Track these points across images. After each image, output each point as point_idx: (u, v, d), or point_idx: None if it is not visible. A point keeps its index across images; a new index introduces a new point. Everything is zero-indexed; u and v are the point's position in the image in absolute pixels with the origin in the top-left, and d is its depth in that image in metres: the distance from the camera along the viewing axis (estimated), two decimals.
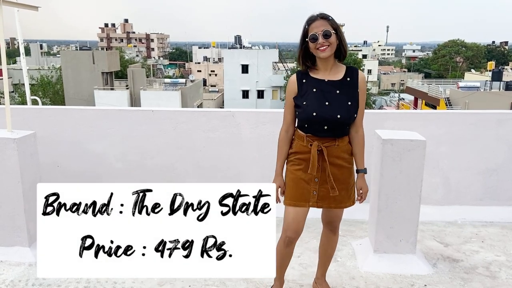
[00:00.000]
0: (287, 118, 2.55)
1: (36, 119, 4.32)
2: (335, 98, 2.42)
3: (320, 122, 2.41)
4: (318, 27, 2.36)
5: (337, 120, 2.40)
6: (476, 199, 4.39)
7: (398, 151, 3.16)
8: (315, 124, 2.42)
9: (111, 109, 4.50)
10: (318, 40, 2.35)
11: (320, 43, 2.36)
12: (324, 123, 2.40)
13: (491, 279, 3.15)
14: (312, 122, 2.42)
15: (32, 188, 3.44)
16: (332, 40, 2.36)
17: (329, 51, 2.38)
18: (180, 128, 4.34)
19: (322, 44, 2.36)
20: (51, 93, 35.81)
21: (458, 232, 3.95)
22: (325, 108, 2.39)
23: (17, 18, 5.63)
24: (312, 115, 2.39)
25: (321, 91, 2.43)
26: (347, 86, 2.45)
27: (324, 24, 2.37)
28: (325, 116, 2.39)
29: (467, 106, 29.23)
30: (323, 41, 2.35)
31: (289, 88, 2.53)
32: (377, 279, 3.12)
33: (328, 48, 2.37)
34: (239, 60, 41.70)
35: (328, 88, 2.43)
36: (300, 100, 2.46)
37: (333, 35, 2.36)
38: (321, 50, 2.37)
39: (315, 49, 2.39)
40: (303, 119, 2.45)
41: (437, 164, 4.32)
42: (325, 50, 2.37)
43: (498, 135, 4.31)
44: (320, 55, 2.39)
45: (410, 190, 3.20)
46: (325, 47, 2.36)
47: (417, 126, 4.02)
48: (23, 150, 3.31)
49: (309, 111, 2.40)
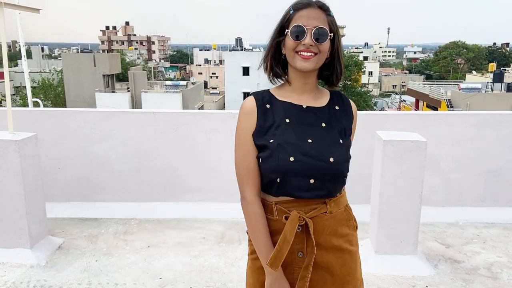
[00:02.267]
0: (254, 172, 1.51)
1: (37, 121, 4.33)
2: (322, 134, 1.51)
3: (303, 173, 1.45)
4: (310, 18, 1.45)
5: (331, 167, 1.46)
6: (477, 200, 4.39)
7: (399, 152, 3.16)
8: (295, 177, 1.45)
9: (112, 111, 4.50)
10: (304, 38, 1.45)
11: (305, 45, 1.45)
12: (309, 174, 1.46)
13: (493, 280, 3.15)
14: (289, 173, 1.45)
15: (33, 190, 3.45)
16: (325, 47, 1.48)
17: (313, 62, 1.47)
18: (181, 130, 4.35)
19: (308, 47, 1.45)
20: (53, 95, 35.88)
21: (459, 233, 3.94)
22: (308, 149, 1.46)
23: (18, 21, 5.65)
24: (289, 161, 1.44)
25: (300, 122, 1.51)
26: (336, 117, 1.56)
27: (319, 17, 1.47)
28: (311, 162, 1.45)
29: (468, 107, 29.21)
30: (311, 43, 1.45)
31: (244, 119, 1.53)
32: (378, 280, 3.12)
33: (314, 57, 1.47)
34: (240, 62, 41.72)
35: (310, 119, 1.52)
36: (263, 138, 1.49)
37: (328, 41, 1.47)
38: (302, 56, 1.46)
39: (292, 51, 1.48)
40: (272, 170, 1.46)
41: (438, 165, 4.32)
42: (309, 59, 1.46)
43: (499, 136, 4.30)
44: (297, 65, 1.47)
45: (411, 191, 3.20)
46: (311, 55, 1.46)
47: (418, 127, 4.02)
48: (25, 152, 3.32)
49: (282, 155, 1.45)
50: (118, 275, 3.19)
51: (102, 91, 34.43)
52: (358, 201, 4.28)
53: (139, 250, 3.59)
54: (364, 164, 4.21)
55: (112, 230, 3.97)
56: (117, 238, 3.80)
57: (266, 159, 1.47)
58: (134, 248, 3.62)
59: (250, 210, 1.51)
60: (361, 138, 4.21)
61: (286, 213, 1.48)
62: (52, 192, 4.35)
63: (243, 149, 1.53)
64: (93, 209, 4.32)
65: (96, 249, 3.59)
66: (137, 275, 3.19)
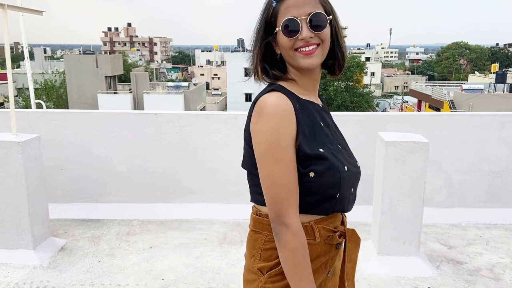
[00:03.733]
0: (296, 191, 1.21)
1: (40, 123, 4.34)
2: (339, 137, 1.38)
3: (350, 183, 1.30)
4: (299, 6, 1.21)
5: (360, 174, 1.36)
6: (480, 201, 4.38)
7: (401, 153, 3.16)
8: (346, 187, 1.28)
9: (114, 113, 4.52)
10: (301, 32, 1.21)
11: (303, 39, 1.21)
12: (354, 183, 1.32)
13: (495, 281, 3.14)
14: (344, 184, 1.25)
15: (36, 191, 3.46)
16: (327, 34, 1.24)
17: (319, 56, 1.25)
18: (183, 131, 4.36)
19: (308, 41, 1.22)
20: (55, 97, 35.98)
21: (461, 234, 3.94)
22: (345, 156, 1.31)
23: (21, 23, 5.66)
24: (345, 171, 1.25)
25: (326, 125, 1.32)
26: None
27: (309, 1, 1.22)
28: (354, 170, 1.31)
29: (471, 108, 29.15)
30: (310, 35, 1.21)
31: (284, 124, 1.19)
32: (381, 282, 3.11)
33: (318, 49, 1.23)
34: (242, 63, 41.69)
35: (329, 120, 1.36)
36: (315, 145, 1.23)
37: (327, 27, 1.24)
38: (304, 53, 1.23)
39: (291, 50, 1.24)
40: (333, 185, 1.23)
41: (440, 166, 4.32)
42: (312, 53, 1.23)
43: (502, 137, 4.30)
44: (301, 64, 1.24)
45: (413, 192, 3.20)
46: (313, 48, 1.23)
47: (420, 128, 4.02)
48: (28, 153, 3.33)
49: (341, 165, 1.25)
50: (120, 276, 3.20)
51: (104, 92, 34.48)
52: (360, 202, 4.28)
53: (142, 251, 3.59)
54: (366, 165, 4.21)
55: (114, 231, 3.98)
56: (119, 239, 3.81)
57: (325, 172, 1.20)
58: (137, 249, 3.63)
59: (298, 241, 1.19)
60: (363, 139, 4.23)
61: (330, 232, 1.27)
62: (55, 193, 4.36)
63: (284, 162, 1.18)
64: (95, 210, 4.33)
65: (98, 250, 3.60)
66: (140, 276, 3.20)
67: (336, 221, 1.30)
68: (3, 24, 3.27)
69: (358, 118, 4.41)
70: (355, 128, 4.30)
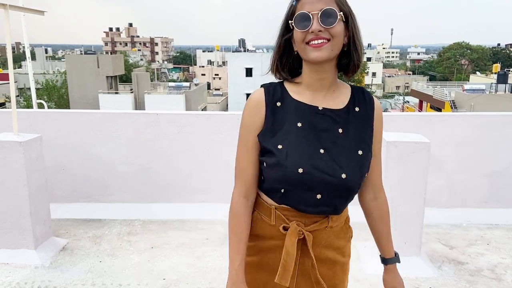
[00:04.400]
0: (247, 172, 1.41)
1: (42, 123, 4.35)
2: (337, 142, 1.33)
3: (310, 187, 1.31)
4: (314, 2, 1.26)
5: (342, 184, 1.31)
6: (481, 202, 4.38)
7: (402, 153, 3.16)
8: (301, 190, 1.31)
9: (116, 113, 4.52)
10: (311, 25, 1.25)
11: (313, 32, 1.26)
12: (317, 189, 1.31)
13: (497, 282, 3.14)
14: (295, 185, 1.31)
15: (38, 191, 3.47)
16: (337, 30, 1.26)
17: (327, 50, 1.27)
18: (185, 131, 4.36)
19: (317, 34, 1.25)
20: (56, 97, 36.04)
21: (463, 234, 3.93)
22: (320, 161, 1.30)
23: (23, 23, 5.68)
24: (297, 173, 1.29)
25: (312, 128, 1.33)
26: (356, 122, 1.37)
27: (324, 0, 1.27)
28: (321, 177, 1.29)
29: (472, 108, 29.12)
30: (319, 29, 1.25)
31: (250, 113, 1.37)
32: (382, 282, 3.11)
33: (327, 44, 1.26)
34: (243, 64, 41.75)
35: (325, 124, 1.34)
36: (271, 141, 1.33)
37: (339, 22, 1.27)
38: (313, 46, 1.26)
39: (302, 43, 1.28)
40: (277, 179, 1.32)
41: (442, 166, 4.31)
42: (321, 46, 1.26)
43: (503, 137, 4.29)
44: (310, 56, 1.28)
45: (415, 192, 3.20)
46: (322, 41, 1.26)
47: (422, 128, 4.02)
48: (29, 153, 3.34)
49: (290, 164, 1.29)
50: (122, 275, 3.20)
51: (106, 92, 34.53)
52: None
53: (143, 251, 3.60)
54: None
55: (116, 231, 3.98)
56: (121, 239, 3.81)
57: (272, 166, 1.31)
58: (138, 249, 3.63)
59: (235, 208, 1.43)
60: None
61: (285, 222, 1.36)
62: (56, 193, 4.37)
63: (244, 147, 1.41)
64: (97, 210, 4.33)
65: (100, 250, 3.61)
66: (141, 275, 3.20)
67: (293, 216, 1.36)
68: (5, 24, 3.27)
69: None
70: None
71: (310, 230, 1.36)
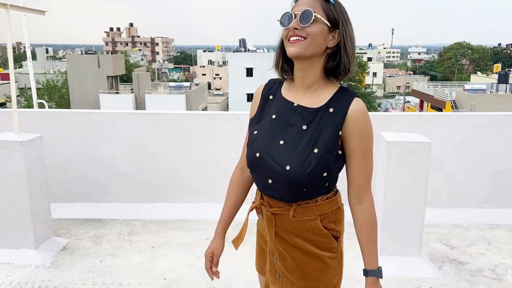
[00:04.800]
0: (244, 149, 1.65)
1: (42, 122, 4.35)
2: (296, 137, 1.44)
3: (262, 170, 1.48)
4: (300, 4, 1.41)
5: (285, 175, 1.41)
6: (482, 202, 4.37)
7: (403, 154, 3.16)
8: (258, 172, 1.51)
9: (116, 113, 4.52)
10: (291, 23, 1.39)
11: (290, 29, 1.39)
12: (268, 174, 1.47)
13: (498, 282, 3.14)
14: (253, 167, 1.51)
15: (38, 191, 3.47)
16: (313, 30, 1.37)
17: (301, 47, 1.38)
18: (185, 131, 4.36)
19: (293, 31, 1.39)
20: (57, 97, 36.06)
21: (464, 234, 3.93)
22: (276, 151, 1.45)
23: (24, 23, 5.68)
24: (255, 157, 1.48)
25: (283, 121, 1.48)
26: (324, 122, 1.43)
27: (310, 2, 1.39)
28: (270, 164, 1.44)
29: (473, 108, 29.11)
30: (295, 26, 1.38)
31: (252, 103, 1.63)
32: (383, 282, 3.08)
33: (303, 41, 1.38)
34: (244, 64, 41.75)
35: (294, 119, 1.47)
36: (253, 127, 1.56)
37: (318, 23, 1.37)
38: (291, 41, 1.40)
39: (286, 39, 1.43)
40: (246, 159, 1.54)
41: (443, 166, 4.31)
42: (295, 43, 1.38)
43: (504, 137, 4.29)
44: (288, 51, 1.41)
45: (415, 192, 3.20)
46: (297, 38, 1.38)
47: (423, 128, 4.01)
48: (30, 153, 3.34)
49: (253, 148, 1.50)
50: (122, 275, 3.20)
51: (106, 92, 34.55)
52: None
53: (143, 250, 3.60)
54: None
55: (116, 230, 3.98)
56: (121, 239, 3.81)
57: (247, 146, 1.56)
58: (139, 248, 3.63)
59: (232, 177, 1.73)
60: None
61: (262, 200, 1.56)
62: (57, 193, 4.37)
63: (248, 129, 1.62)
64: (97, 210, 4.33)
65: (100, 249, 3.61)
66: (142, 275, 3.20)
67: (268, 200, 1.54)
68: (6, 24, 3.27)
69: None
70: None
71: (272, 212, 1.52)
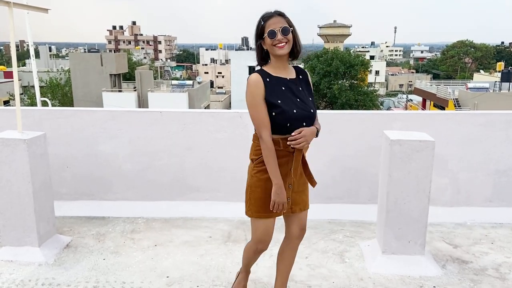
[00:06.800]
0: (267, 121, 2.32)
1: (46, 120, 4.35)
2: (302, 94, 2.41)
3: (300, 119, 2.34)
4: (276, 23, 2.30)
5: (312, 115, 2.39)
6: (486, 201, 4.36)
7: (406, 152, 3.15)
8: (297, 121, 2.33)
9: (119, 111, 4.52)
10: (277, 36, 2.29)
11: (278, 40, 2.29)
12: (303, 120, 2.35)
13: (501, 281, 3.13)
14: (293, 120, 2.32)
15: (42, 189, 3.47)
16: (290, 37, 2.33)
17: (287, 48, 2.32)
18: (188, 129, 4.36)
19: (281, 40, 2.29)
20: (60, 95, 36.04)
21: (467, 233, 3.92)
22: (300, 105, 2.36)
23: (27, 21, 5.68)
24: (293, 113, 2.31)
25: (289, 88, 2.38)
26: (304, 84, 2.46)
27: (281, 21, 2.32)
28: (304, 113, 2.35)
29: (476, 107, 29.00)
30: (282, 38, 2.29)
31: (256, 88, 2.32)
32: (386, 281, 3.11)
33: (286, 45, 2.31)
34: (246, 62, 41.62)
35: (294, 86, 2.40)
36: (274, 99, 2.32)
37: (290, 33, 2.33)
38: (279, 46, 2.30)
39: (271, 45, 2.31)
40: (284, 119, 2.31)
41: (446, 165, 4.30)
42: (283, 47, 2.30)
43: (508, 136, 4.27)
44: (277, 52, 2.31)
45: (419, 191, 3.19)
46: (283, 44, 2.30)
47: (426, 127, 4.00)
48: (33, 151, 3.35)
49: (288, 109, 2.31)
50: (125, 273, 3.21)
51: (109, 90, 34.53)
52: (365, 201, 4.29)
53: (146, 248, 3.60)
54: (371, 164, 4.20)
55: (119, 228, 3.99)
56: (124, 237, 3.82)
57: (279, 113, 2.31)
58: (141, 246, 3.64)
59: (268, 145, 2.31)
60: (368, 138, 4.22)
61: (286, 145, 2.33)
62: (60, 191, 4.38)
63: (259, 107, 2.31)
64: (100, 208, 4.34)
65: (103, 247, 3.61)
66: (144, 273, 3.21)
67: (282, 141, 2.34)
68: (9, 22, 3.28)
69: (363, 116, 4.39)
70: (360, 127, 4.29)
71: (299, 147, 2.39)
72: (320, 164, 4.31)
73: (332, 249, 3.58)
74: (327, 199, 4.34)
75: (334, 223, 4.05)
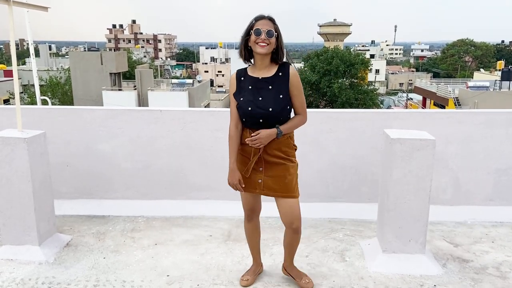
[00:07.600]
0: (234, 113, 2.72)
1: (45, 119, 4.35)
2: (268, 93, 2.64)
3: (254, 116, 2.63)
4: (264, 25, 2.57)
5: (270, 113, 2.61)
6: (486, 199, 4.36)
7: (407, 151, 3.15)
8: (251, 118, 2.64)
9: (119, 109, 4.52)
10: (261, 35, 2.55)
11: (261, 39, 2.55)
12: (258, 116, 2.62)
13: (502, 280, 3.13)
14: (248, 116, 2.64)
15: (42, 188, 3.47)
16: (272, 41, 2.58)
17: (266, 49, 2.57)
18: (188, 128, 4.35)
19: (263, 40, 2.55)
20: (60, 93, 36.02)
21: (468, 232, 3.92)
22: (259, 103, 2.62)
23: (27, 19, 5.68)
24: (248, 110, 2.63)
25: (255, 87, 2.66)
26: (279, 81, 2.65)
27: (269, 25, 2.58)
28: (260, 111, 2.61)
29: (476, 106, 28.99)
30: (264, 38, 2.55)
31: (231, 85, 2.77)
32: (386, 279, 3.10)
33: (266, 46, 2.57)
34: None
35: (262, 85, 2.66)
36: (238, 96, 2.69)
37: (274, 37, 2.59)
38: (260, 45, 2.56)
39: (254, 43, 2.57)
40: (241, 114, 2.67)
41: (447, 163, 4.29)
42: (263, 47, 2.56)
43: (508, 134, 4.27)
44: (257, 50, 2.58)
45: (419, 190, 3.18)
46: (265, 44, 2.56)
47: (426, 126, 4.00)
48: (33, 150, 3.34)
49: (245, 106, 2.63)
50: (125, 272, 3.21)
51: (109, 89, 34.51)
52: (366, 200, 4.29)
53: (147, 247, 3.60)
54: (371, 163, 4.19)
55: (119, 227, 3.98)
56: (124, 236, 3.82)
57: (239, 108, 2.68)
58: (142, 245, 3.64)
59: (230, 132, 2.73)
60: (368, 136, 4.21)
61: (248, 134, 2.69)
62: (60, 190, 4.38)
63: (231, 101, 2.74)
64: (100, 207, 4.34)
65: (103, 246, 3.61)
66: (145, 272, 3.21)
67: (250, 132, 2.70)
68: (9, 20, 3.27)
69: (363, 115, 4.38)
70: (361, 126, 4.28)
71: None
72: (320, 162, 4.31)
73: (332, 248, 3.58)
74: (328, 198, 4.33)
75: (335, 222, 4.05)
